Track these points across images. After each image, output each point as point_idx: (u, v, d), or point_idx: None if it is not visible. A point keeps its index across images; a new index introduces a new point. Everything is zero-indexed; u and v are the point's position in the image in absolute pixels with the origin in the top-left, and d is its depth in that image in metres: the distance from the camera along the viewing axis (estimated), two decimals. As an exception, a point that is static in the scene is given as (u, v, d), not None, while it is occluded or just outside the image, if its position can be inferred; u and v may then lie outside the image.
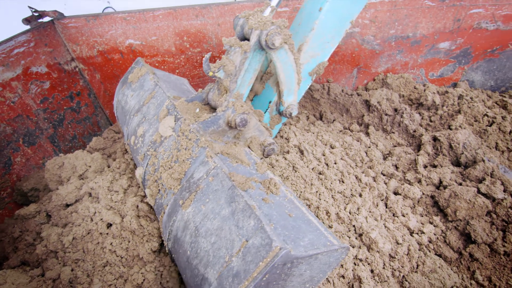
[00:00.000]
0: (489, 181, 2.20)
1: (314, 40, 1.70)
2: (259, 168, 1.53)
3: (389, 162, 2.57)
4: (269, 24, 1.41)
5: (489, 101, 2.82)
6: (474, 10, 2.74)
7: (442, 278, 1.87)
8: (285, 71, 1.64)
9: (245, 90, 1.62)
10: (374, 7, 2.73)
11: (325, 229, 1.28)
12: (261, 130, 1.75)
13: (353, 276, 1.77)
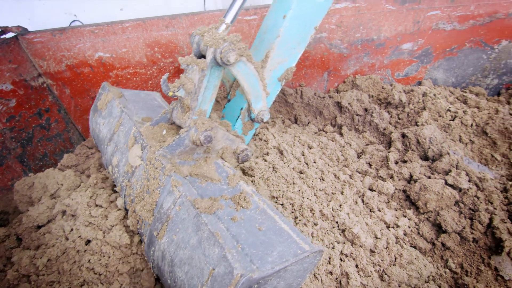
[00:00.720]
0: (455, 172, 2.31)
1: (280, 46, 1.73)
2: (231, 181, 1.55)
3: (363, 160, 2.64)
4: (222, 42, 1.41)
5: (451, 97, 2.97)
6: (432, 12, 2.89)
7: (419, 269, 1.93)
8: (248, 81, 1.65)
9: (207, 106, 1.62)
10: (339, 13, 2.82)
11: (298, 234, 1.30)
12: (231, 139, 1.76)
13: (340, 272, 1.79)
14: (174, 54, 2.88)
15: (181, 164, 1.59)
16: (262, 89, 1.71)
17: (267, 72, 1.79)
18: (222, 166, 1.68)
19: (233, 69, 1.53)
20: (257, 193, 1.53)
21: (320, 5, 1.70)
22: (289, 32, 1.71)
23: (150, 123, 1.79)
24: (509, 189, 2.26)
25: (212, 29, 1.51)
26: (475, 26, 3.01)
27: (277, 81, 1.87)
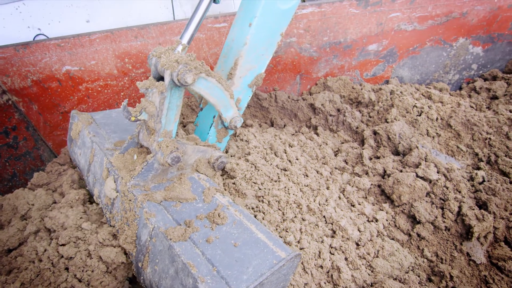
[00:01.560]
0: (424, 165, 2.41)
1: (248, 54, 1.75)
2: (206, 197, 1.57)
3: (339, 158, 2.70)
4: (176, 65, 1.40)
5: (416, 94, 3.10)
6: (393, 14, 3.02)
7: (400, 260, 1.98)
8: (213, 95, 1.65)
9: (172, 127, 1.61)
10: (306, 17, 2.89)
11: (275, 241, 1.35)
12: (203, 151, 1.76)
13: (331, 266, 1.79)
14: (145, 64, 2.84)
15: (155, 189, 1.60)
16: (229, 98, 1.72)
17: (237, 79, 1.81)
18: (197, 181, 1.69)
19: (194, 88, 1.52)
20: (234, 204, 1.56)
21: (284, 12, 1.74)
22: (256, 40, 1.74)
23: (120, 151, 1.77)
24: (475, 177, 2.38)
25: (168, 50, 1.51)
26: (433, 25, 3.18)
27: (248, 88, 1.89)
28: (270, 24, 1.74)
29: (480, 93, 3.44)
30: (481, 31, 3.36)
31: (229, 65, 1.81)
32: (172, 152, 1.53)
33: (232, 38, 1.83)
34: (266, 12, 1.67)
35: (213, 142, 1.96)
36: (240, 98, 1.89)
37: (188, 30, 1.54)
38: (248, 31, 1.70)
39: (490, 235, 2.07)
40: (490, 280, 1.93)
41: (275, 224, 1.81)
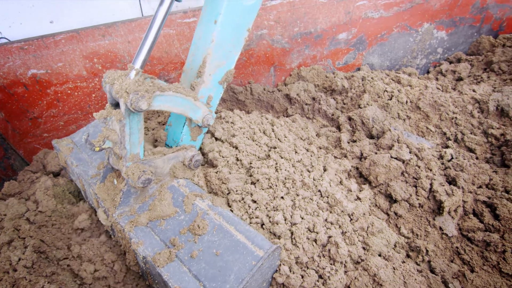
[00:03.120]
0: (397, 146, 2.47)
1: (216, 51, 1.73)
2: (187, 206, 1.64)
3: (323, 139, 2.71)
4: (127, 95, 1.39)
5: (386, 79, 3.17)
6: (360, 2, 3.06)
7: (387, 237, 2.00)
8: (175, 105, 1.64)
9: (138, 149, 1.60)
10: (276, 9, 2.88)
11: (254, 237, 1.44)
12: (174, 157, 1.77)
13: (327, 240, 1.77)
14: (116, 63, 2.76)
15: (140, 210, 1.67)
16: (193, 101, 1.70)
17: (207, 77, 1.78)
18: (178, 188, 1.73)
19: (153, 108, 1.51)
20: (213, 206, 1.63)
21: (248, 8, 1.72)
22: (222, 37, 1.71)
23: (100, 181, 1.82)
24: (444, 155, 2.47)
25: (121, 76, 1.48)
26: (399, 12, 3.24)
27: (219, 84, 1.87)
28: (236, 21, 1.72)
29: (446, 76, 3.57)
30: (444, 15, 3.46)
31: (198, 63, 1.78)
32: (140, 177, 1.55)
33: (198, 36, 1.79)
34: (230, 8, 1.65)
35: (188, 141, 1.93)
36: (211, 96, 1.87)
37: (140, 54, 1.50)
38: (214, 28, 1.68)
39: (460, 209, 2.16)
40: (462, 251, 2.02)
41: (263, 203, 1.78)
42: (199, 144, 2.05)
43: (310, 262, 1.64)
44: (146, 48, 1.49)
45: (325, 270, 1.61)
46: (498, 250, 1.99)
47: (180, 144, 1.91)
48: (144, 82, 1.43)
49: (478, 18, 3.62)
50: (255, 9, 1.77)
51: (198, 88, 1.81)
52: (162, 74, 2.97)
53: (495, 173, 2.33)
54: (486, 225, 2.08)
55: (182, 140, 1.91)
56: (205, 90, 1.84)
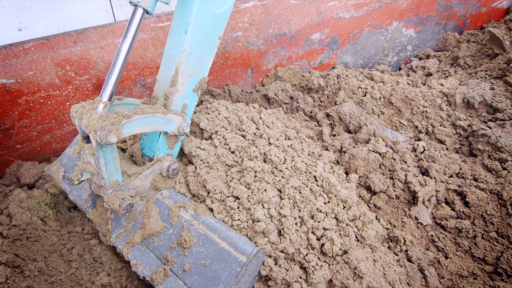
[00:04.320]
0: (374, 140, 2.52)
1: (188, 60, 1.71)
2: (173, 219, 1.68)
3: (307, 130, 2.72)
4: (94, 132, 1.39)
5: (360, 76, 3.24)
6: (331, 3, 3.11)
7: (377, 228, 2.02)
8: (146, 126, 1.62)
9: (116, 176, 1.62)
10: (249, 11, 2.89)
11: (237, 243, 1.51)
12: (151, 172, 1.77)
13: (322, 234, 1.75)
14: (89, 70, 2.68)
15: (134, 229, 1.74)
16: (164, 115, 1.68)
17: (181, 86, 1.76)
18: (162, 201, 1.78)
19: (124, 136, 1.50)
20: (196, 216, 1.68)
21: (219, 16, 1.71)
22: (194, 45, 1.70)
23: (91, 207, 1.87)
24: (416, 148, 2.54)
25: (89, 111, 1.46)
26: (369, 12, 3.32)
27: (193, 92, 1.86)
28: (206, 29, 1.71)
29: (416, 72, 3.68)
30: (411, 14, 3.57)
31: (171, 72, 1.76)
32: (121, 205, 1.58)
33: (170, 45, 1.77)
34: (200, 18, 1.64)
35: (165, 149, 1.90)
36: (186, 104, 1.86)
37: (108, 86, 1.49)
38: (185, 38, 1.66)
39: (433, 198, 2.22)
40: (436, 239, 2.08)
41: (245, 198, 1.75)
42: (177, 152, 2.03)
43: (296, 254, 1.64)
44: (113, 79, 1.49)
45: (310, 264, 1.61)
46: (469, 236, 2.07)
47: (157, 153, 1.89)
48: (107, 116, 1.42)
49: (443, 16, 3.76)
50: (225, 17, 1.77)
51: (172, 97, 1.79)
52: (138, 80, 2.91)
53: (464, 163, 2.42)
54: (458, 212, 2.15)
55: (159, 149, 1.89)
56: (179, 99, 1.83)
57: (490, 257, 1.97)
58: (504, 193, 2.14)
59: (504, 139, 2.33)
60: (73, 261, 2.02)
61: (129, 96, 2.97)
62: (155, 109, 1.64)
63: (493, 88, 2.82)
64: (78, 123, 1.49)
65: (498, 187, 2.18)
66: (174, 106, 1.81)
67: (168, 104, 1.80)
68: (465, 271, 1.93)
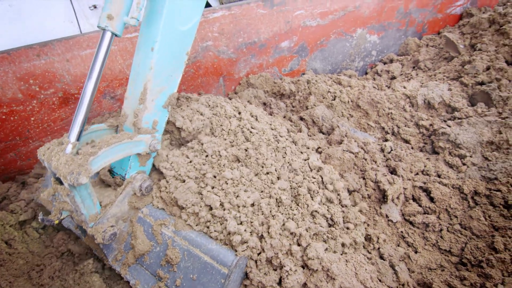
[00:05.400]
0: (347, 140, 2.58)
1: (156, 77, 1.69)
2: (157, 237, 1.71)
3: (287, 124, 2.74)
4: (64, 177, 1.38)
5: (329, 81, 3.32)
6: (298, 12, 3.18)
7: (362, 230, 2.06)
8: (116, 154, 1.61)
9: (95, 209, 1.64)
10: (218, 21, 2.89)
11: (218, 255, 1.55)
12: (125, 195, 1.76)
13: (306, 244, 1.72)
14: (55, 83, 2.57)
15: (126, 249, 1.77)
16: (131, 140, 1.67)
17: (150, 103, 1.73)
18: (144, 219, 1.78)
19: (96, 171, 1.50)
20: (177, 232, 1.69)
21: (185, 33, 1.70)
22: (162, 63, 1.68)
23: (83, 235, 1.88)
24: (384, 148, 2.62)
25: (58, 153, 1.45)
26: (334, 19, 3.42)
27: (163, 108, 1.83)
28: (173, 46, 1.70)
29: (381, 75, 3.82)
30: (374, 21, 3.71)
31: (139, 90, 1.72)
32: (104, 238, 1.61)
33: (137, 63, 1.73)
34: (166, 35, 1.62)
35: (137, 167, 1.85)
36: (156, 120, 1.82)
37: (75, 127, 1.46)
38: (151, 55, 1.63)
39: (401, 196, 2.30)
40: (406, 234, 2.15)
41: (218, 207, 1.72)
42: (150, 167, 1.98)
43: (274, 258, 1.63)
44: (80, 119, 1.46)
45: (284, 268, 1.60)
46: (436, 230, 2.15)
47: (129, 171, 1.84)
48: (73, 159, 1.41)
49: (403, 22, 3.94)
50: (191, 33, 1.76)
51: (141, 115, 1.76)
52: (107, 92, 2.82)
53: (428, 160, 2.52)
54: (424, 208, 2.23)
55: (130, 168, 1.84)
56: (149, 116, 1.79)
57: (455, 248, 2.06)
58: (464, 187, 2.25)
59: (462, 136, 2.46)
60: (45, 285, 1.90)
61: (98, 109, 2.87)
62: (121, 136, 1.63)
63: (450, 89, 2.98)
64: (48, 165, 1.48)
65: (459, 182, 2.29)
66: (144, 123, 1.78)
67: (138, 121, 1.77)
68: (433, 263, 2.00)
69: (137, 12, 1.48)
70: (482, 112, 2.68)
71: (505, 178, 2.22)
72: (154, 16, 1.60)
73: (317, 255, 1.54)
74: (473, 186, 2.24)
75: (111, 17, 1.41)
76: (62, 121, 2.74)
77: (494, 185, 2.23)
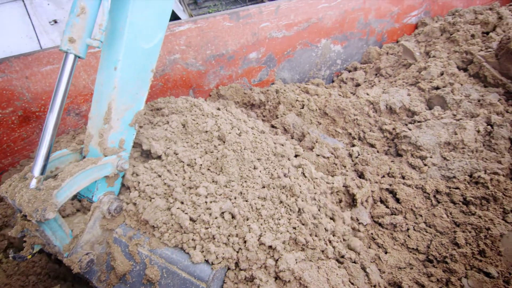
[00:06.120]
0: (318, 146, 2.62)
1: (120, 96, 1.65)
2: (135, 256, 1.68)
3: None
4: (29, 214, 1.35)
5: (297, 90, 3.37)
6: (263, 24, 3.22)
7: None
8: (82, 181, 1.57)
9: (69, 238, 1.60)
10: (185, 34, 2.87)
11: (194, 271, 1.55)
12: (95, 219, 1.70)
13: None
14: (14, 102, 2.42)
15: (108, 269, 1.75)
16: (95, 165, 1.61)
17: (115, 122, 1.68)
18: (120, 239, 1.74)
19: (63, 202, 1.46)
20: (153, 250, 1.66)
21: (149, 51, 1.67)
22: (125, 81, 1.64)
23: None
24: (352, 153, 2.69)
25: (22, 188, 1.40)
26: (299, 31, 3.50)
27: (130, 127, 1.78)
28: (137, 64, 1.66)
29: (347, 83, 3.94)
30: (337, 32, 3.84)
31: (103, 109, 1.66)
32: (81, 267, 1.59)
33: (100, 82, 1.68)
34: (129, 54, 1.59)
35: (104, 189, 1.77)
36: (123, 139, 1.77)
37: (38, 160, 1.41)
38: (114, 74, 1.59)
39: (370, 199, 2.36)
40: (376, 236, 2.20)
41: (188, 226, 1.67)
42: (119, 187, 1.90)
43: (248, 271, 1.62)
44: (43, 152, 1.41)
45: (255, 280, 1.58)
46: (403, 229, 2.22)
47: (96, 193, 1.76)
48: (36, 197, 1.36)
49: (364, 32, 4.11)
50: (155, 50, 1.74)
51: (107, 134, 1.70)
52: (71, 108, 2.70)
53: (392, 163, 2.61)
54: (391, 209, 2.30)
55: (97, 189, 1.75)
56: (115, 135, 1.74)
57: (422, 246, 2.13)
58: (427, 187, 2.34)
59: (422, 139, 2.58)
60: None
61: (63, 126, 2.74)
62: (83, 164, 1.57)
63: (409, 94, 3.12)
64: (12, 202, 1.43)
65: (422, 182, 2.39)
66: (110, 143, 1.72)
67: (103, 141, 1.70)
68: (403, 262, 2.06)
69: (99, 34, 1.44)
70: (439, 115, 2.83)
71: (462, 176, 2.35)
72: (115, 35, 1.57)
73: (288, 267, 1.53)
74: (435, 185, 2.34)
75: (72, 40, 1.37)
76: (23, 141, 2.58)
77: (453, 183, 2.34)
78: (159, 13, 1.65)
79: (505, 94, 3.02)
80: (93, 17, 1.40)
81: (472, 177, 2.31)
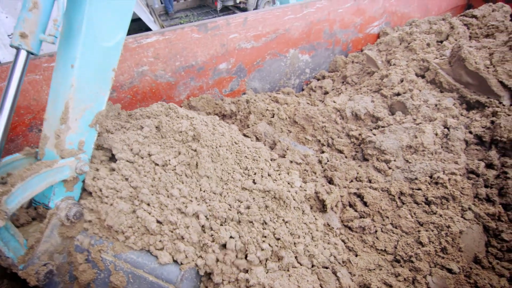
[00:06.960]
0: (289, 153, 2.63)
1: (78, 95, 1.58)
2: (98, 263, 1.60)
3: None
4: None
5: (267, 100, 3.40)
6: (232, 35, 3.24)
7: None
8: (36, 186, 1.48)
9: (23, 249, 1.52)
10: (153, 46, 2.81)
11: (161, 273, 1.51)
12: (52, 228, 1.59)
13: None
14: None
15: (71, 279, 1.68)
16: (50, 167, 1.52)
17: (73, 122, 1.60)
18: (81, 247, 1.66)
19: (15, 209, 1.39)
20: (117, 255, 1.59)
21: (109, 49, 1.63)
22: (84, 79, 1.58)
23: None
24: (321, 159, 2.73)
25: None
26: (267, 42, 3.55)
27: (90, 128, 1.70)
28: (97, 62, 1.61)
29: (316, 91, 4.03)
30: (304, 42, 3.93)
31: (60, 110, 1.58)
32: (39, 279, 1.52)
33: (57, 81, 1.61)
34: (87, 52, 1.54)
35: (62, 194, 1.67)
36: (82, 140, 1.68)
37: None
38: (72, 72, 1.53)
39: (339, 203, 2.39)
40: (346, 240, 2.23)
41: (155, 229, 1.63)
42: (79, 192, 1.79)
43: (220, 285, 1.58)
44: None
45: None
46: (371, 232, 2.27)
47: (53, 198, 1.65)
48: None
49: (330, 42, 4.23)
50: (117, 49, 1.68)
51: (64, 135, 1.61)
52: (34, 124, 2.55)
53: (360, 167, 2.68)
54: (360, 212, 2.35)
55: (54, 194, 1.65)
56: (73, 136, 1.65)
57: (389, 247, 2.18)
58: (392, 189, 2.42)
59: (386, 143, 2.67)
60: None
61: (25, 143, 2.58)
62: (37, 168, 1.46)
63: (373, 101, 3.24)
64: None
65: (387, 185, 2.47)
66: (68, 144, 1.63)
67: (60, 143, 1.61)
68: (372, 264, 2.10)
69: (54, 30, 1.37)
70: (400, 119, 2.95)
71: (423, 177, 2.45)
72: (73, 32, 1.51)
73: (258, 281, 1.51)
74: (399, 188, 2.42)
75: (24, 35, 1.31)
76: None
77: (416, 185, 2.43)
78: (119, 11, 1.60)
79: (459, 99, 3.21)
80: (46, 12, 1.35)
81: (432, 178, 2.41)
